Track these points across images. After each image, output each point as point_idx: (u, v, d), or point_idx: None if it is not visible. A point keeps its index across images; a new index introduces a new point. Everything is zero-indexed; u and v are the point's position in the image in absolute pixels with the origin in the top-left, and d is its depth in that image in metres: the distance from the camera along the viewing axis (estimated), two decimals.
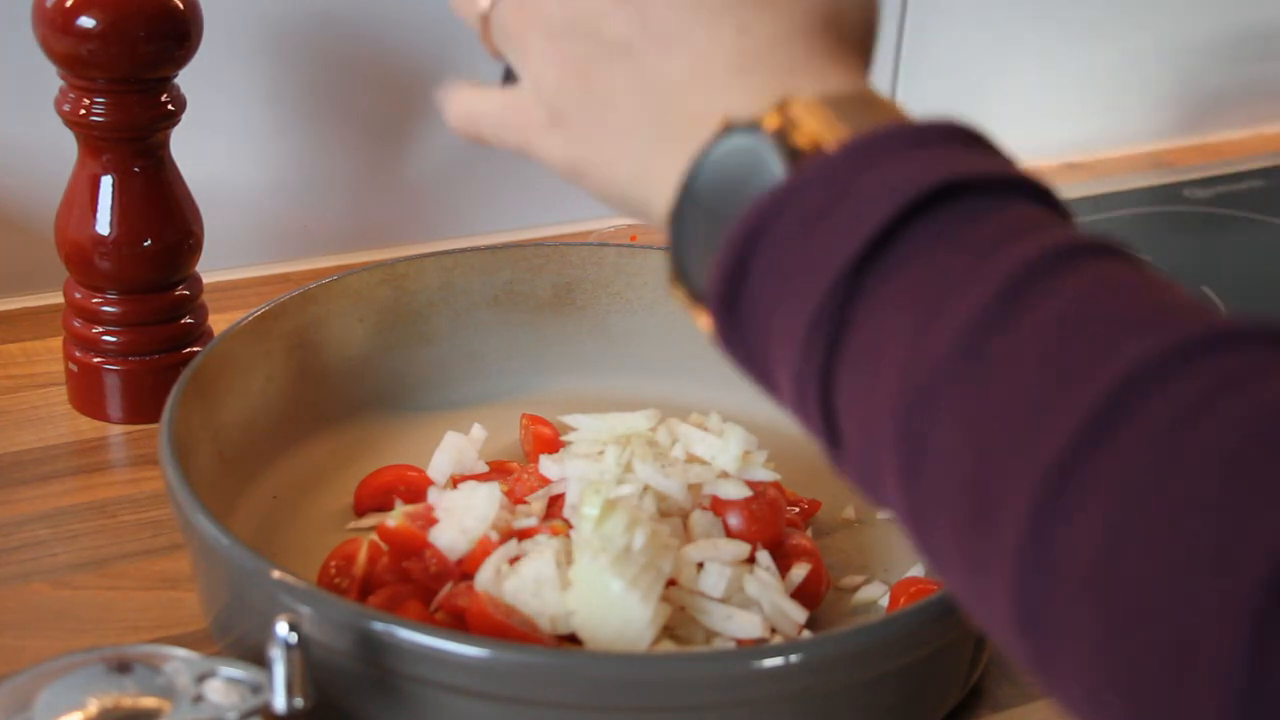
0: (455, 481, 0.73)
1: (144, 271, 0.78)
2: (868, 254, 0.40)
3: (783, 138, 0.43)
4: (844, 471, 0.43)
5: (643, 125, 0.47)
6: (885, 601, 0.68)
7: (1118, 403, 0.35)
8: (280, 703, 0.52)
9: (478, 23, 0.53)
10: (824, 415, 0.42)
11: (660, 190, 0.47)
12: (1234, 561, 0.32)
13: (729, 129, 0.44)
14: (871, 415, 0.40)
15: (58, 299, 0.81)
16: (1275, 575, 0.31)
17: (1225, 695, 0.32)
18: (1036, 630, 0.36)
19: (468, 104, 0.54)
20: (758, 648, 0.60)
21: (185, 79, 0.84)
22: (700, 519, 0.66)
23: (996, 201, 0.41)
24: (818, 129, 0.43)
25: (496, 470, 0.74)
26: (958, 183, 0.40)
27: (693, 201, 0.45)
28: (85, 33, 0.72)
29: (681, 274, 0.46)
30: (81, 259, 0.77)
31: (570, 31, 0.48)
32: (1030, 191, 0.42)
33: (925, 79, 1.13)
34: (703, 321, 0.45)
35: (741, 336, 0.44)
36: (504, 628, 0.60)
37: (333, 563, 0.66)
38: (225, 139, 0.95)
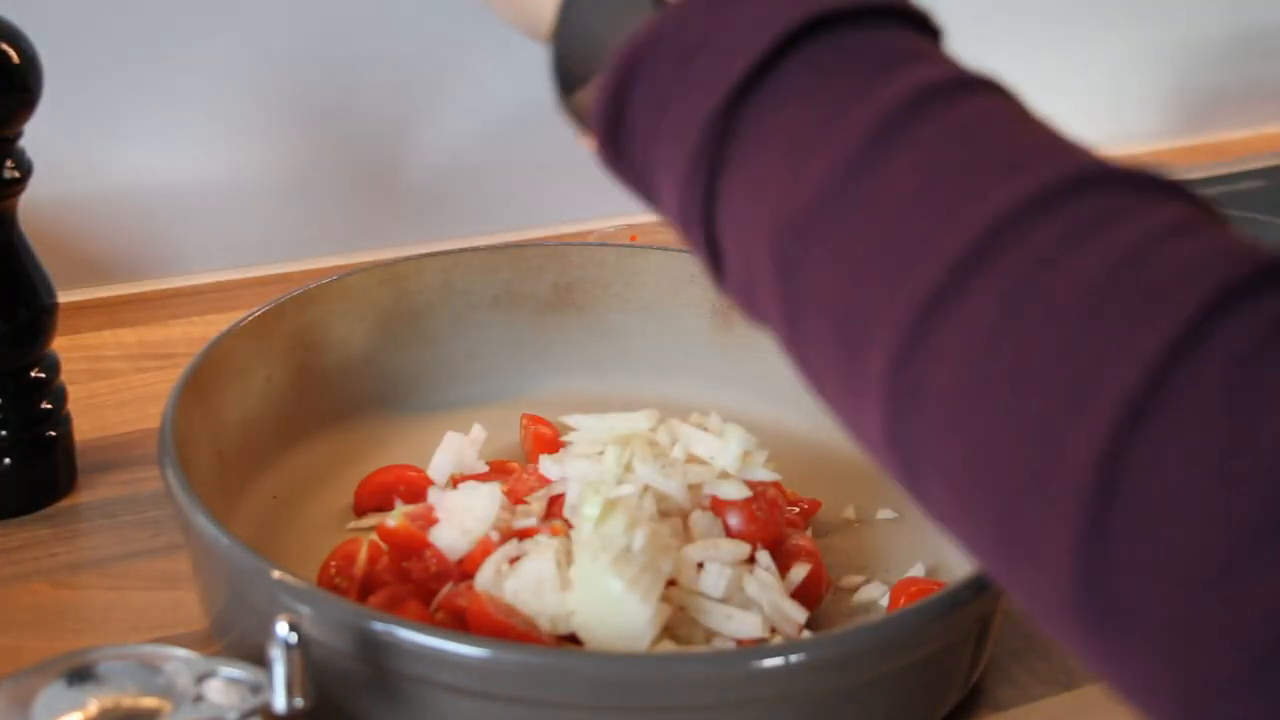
0: (455, 481, 0.73)
1: None
2: (740, 91, 0.40)
3: None
4: (725, 290, 0.43)
5: None
6: (885, 601, 0.68)
7: (982, 247, 0.36)
8: (280, 703, 0.52)
9: None
10: (707, 242, 0.43)
11: (546, 5, 0.47)
12: (1085, 401, 0.33)
13: None
14: (750, 248, 0.41)
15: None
16: (1121, 416, 0.32)
17: (1074, 527, 0.33)
18: (906, 454, 0.37)
19: None
20: (758, 648, 0.60)
21: (185, 78, 0.84)
22: (700, 519, 0.66)
23: (871, 32, 0.41)
24: None
25: (496, 470, 0.74)
26: (830, 13, 0.40)
27: (573, 20, 0.45)
28: None
29: (564, 91, 0.46)
30: None
31: None
32: (908, 18, 0.42)
33: None
34: (588, 143, 0.46)
35: (626, 163, 0.45)
36: (504, 628, 0.60)
37: (333, 563, 0.66)
38: (225, 139, 0.95)
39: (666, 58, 0.42)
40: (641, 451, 0.67)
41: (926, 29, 0.42)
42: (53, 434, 0.73)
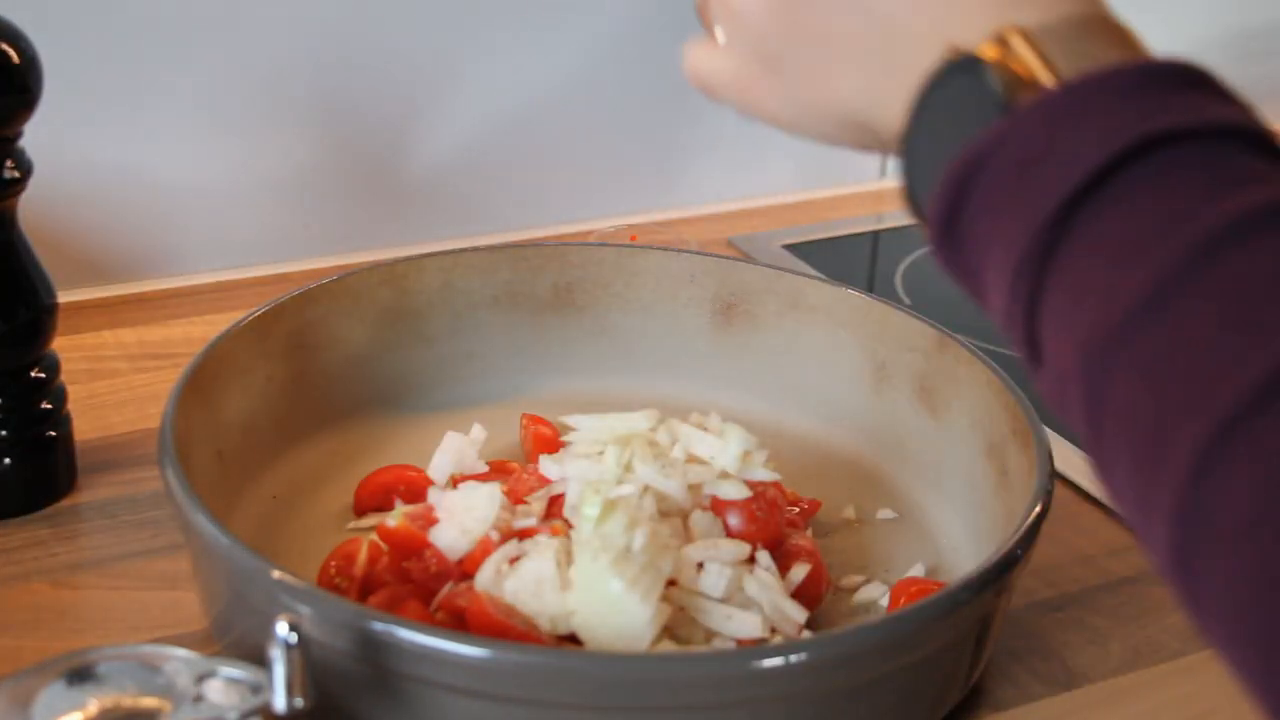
0: (455, 481, 0.73)
1: None
2: (1073, 203, 0.41)
3: (1002, 72, 0.44)
4: (1039, 387, 0.44)
5: (863, 54, 0.48)
6: (885, 601, 0.68)
7: None
8: (280, 703, 0.52)
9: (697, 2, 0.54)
10: (1028, 341, 0.44)
11: (887, 115, 0.48)
12: None
13: (951, 60, 0.45)
14: (1064, 353, 0.42)
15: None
16: None
17: None
18: (1188, 574, 0.38)
19: (697, 61, 0.54)
20: (758, 648, 0.60)
21: (186, 79, 0.84)
22: (700, 519, 0.66)
23: (1208, 151, 0.41)
24: (1035, 65, 0.43)
25: (496, 470, 0.74)
26: (1170, 133, 0.41)
27: (919, 128, 0.46)
28: None
29: (910, 193, 0.47)
30: None
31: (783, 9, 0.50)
32: (1248, 139, 0.42)
33: None
34: (925, 240, 0.47)
35: (957, 263, 0.46)
36: (504, 628, 0.60)
37: (333, 563, 0.66)
38: (225, 139, 0.95)
39: (1004, 166, 0.43)
40: (641, 451, 0.67)
41: (1267, 148, 0.42)
42: (53, 434, 0.73)
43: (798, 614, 0.64)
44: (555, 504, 0.68)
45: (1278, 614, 0.35)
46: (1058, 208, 0.41)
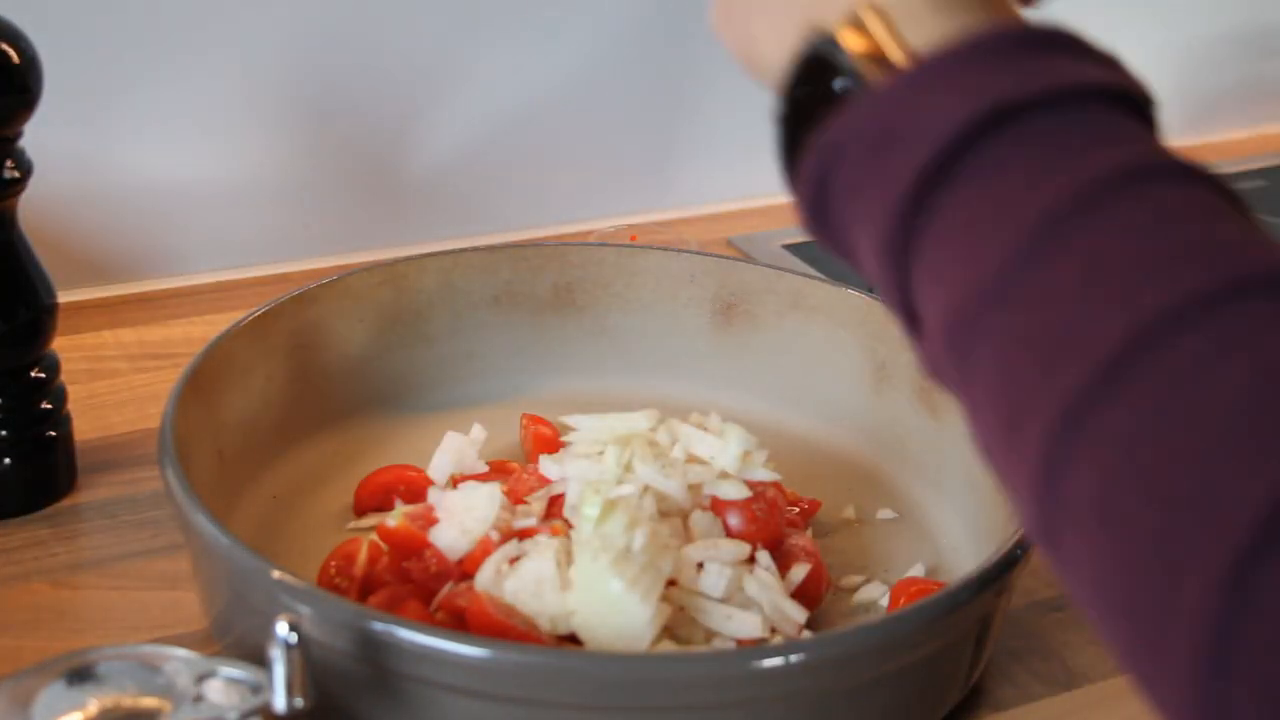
0: (455, 481, 0.73)
1: None
2: (929, 179, 0.42)
3: (857, 51, 0.45)
4: (920, 358, 0.45)
5: (768, 14, 0.49)
6: (885, 601, 0.68)
7: (1128, 352, 0.36)
8: (280, 703, 0.52)
9: None
10: (907, 317, 0.44)
11: (773, 65, 0.49)
12: (1214, 523, 0.34)
13: (811, 40, 0.46)
14: (937, 328, 0.42)
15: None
16: (1248, 543, 0.33)
17: (1197, 643, 0.34)
18: (1053, 548, 0.38)
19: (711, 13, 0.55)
20: (758, 648, 0.60)
21: (186, 79, 0.84)
22: (700, 519, 0.66)
23: (1062, 118, 0.41)
24: (888, 42, 0.44)
25: (496, 470, 0.74)
26: (1018, 103, 0.41)
27: (786, 108, 0.47)
28: None
29: (784, 173, 0.48)
30: None
31: None
32: (1110, 98, 0.42)
33: None
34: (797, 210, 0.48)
35: (831, 241, 0.47)
36: (504, 628, 0.60)
37: (333, 563, 0.66)
38: (226, 139, 0.95)
39: (861, 147, 0.43)
40: (641, 451, 0.67)
41: (1131, 104, 0.42)
42: (53, 434, 0.73)
43: (798, 614, 0.64)
44: (555, 504, 0.68)
45: (1138, 591, 0.35)
46: (913, 185, 0.42)
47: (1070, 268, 0.38)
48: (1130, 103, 0.42)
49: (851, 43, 0.45)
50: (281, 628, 0.51)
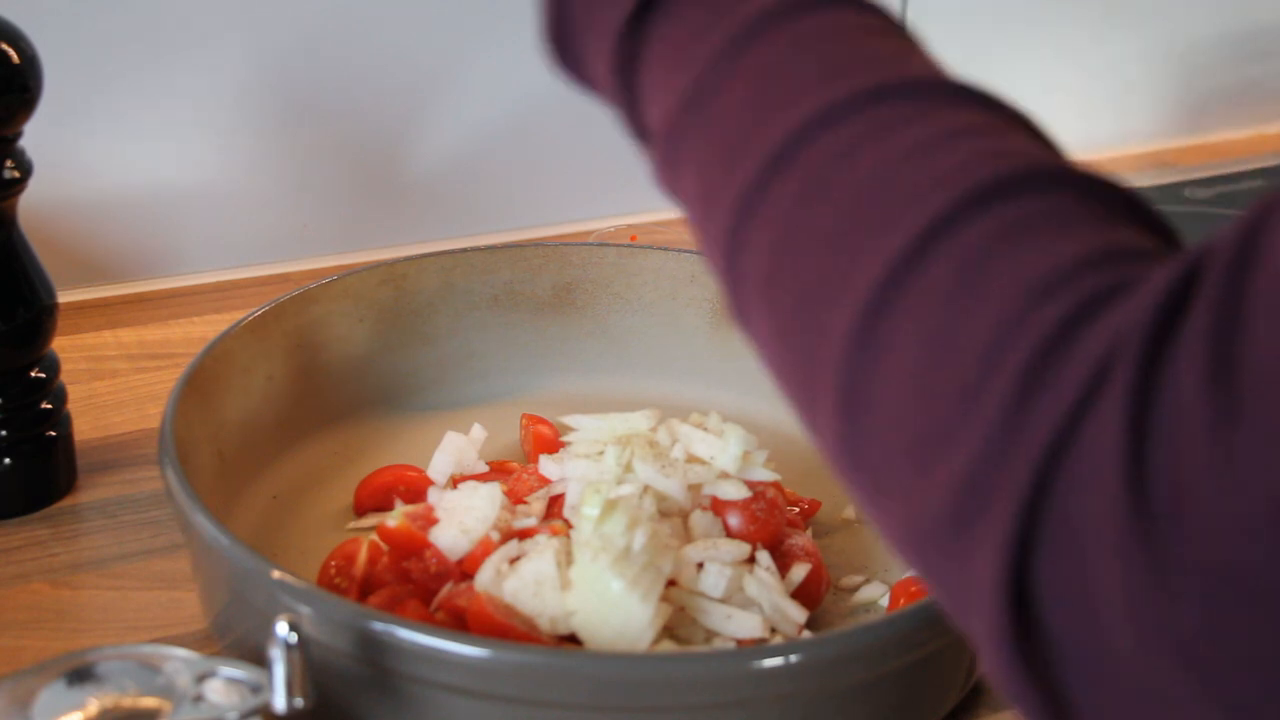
0: (455, 481, 0.73)
1: None
2: (641, 6, 0.48)
3: None
4: (648, 167, 0.49)
5: None
6: (885, 601, 0.68)
7: (787, 147, 0.42)
8: (280, 703, 0.52)
9: None
10: (639, 134, 0.50)
11: None
12: (845, 288, 0.39)
13: None
14: (655, 138, 0.48)
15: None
16: (867, 302, 0.39)
17: (834, 391, 0.40)
18: (742, 321, 0.45)
19: None
20: (758, 648, 0.60)
21: (185, 78, 0.84)
22: (700, 519, 0.66)
23: None
24: None
25: (496, 470, 0.74)
26: None
27: None
28: None
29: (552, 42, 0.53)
30: None
31: None
32: None
33: None
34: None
35: (574, 69, 0.52)
36: (504, 628, 0.60)
37: (333, 563, 0.66)
38: (226, 139, 0.95)
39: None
40: (641, 451, 0.67)
41: None
42: (53, 434, 0.73)
43: (798, 614, 0.64)
44: (555, 504, 0.68)
45: (794, 351, 0.42)
46: (627, 18, 0.48)
47: (748, 77, 0.44)
48: None
49: None
50: (281, 628, 0.51)
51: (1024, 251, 0.37)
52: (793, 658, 0.55)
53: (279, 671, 0.51)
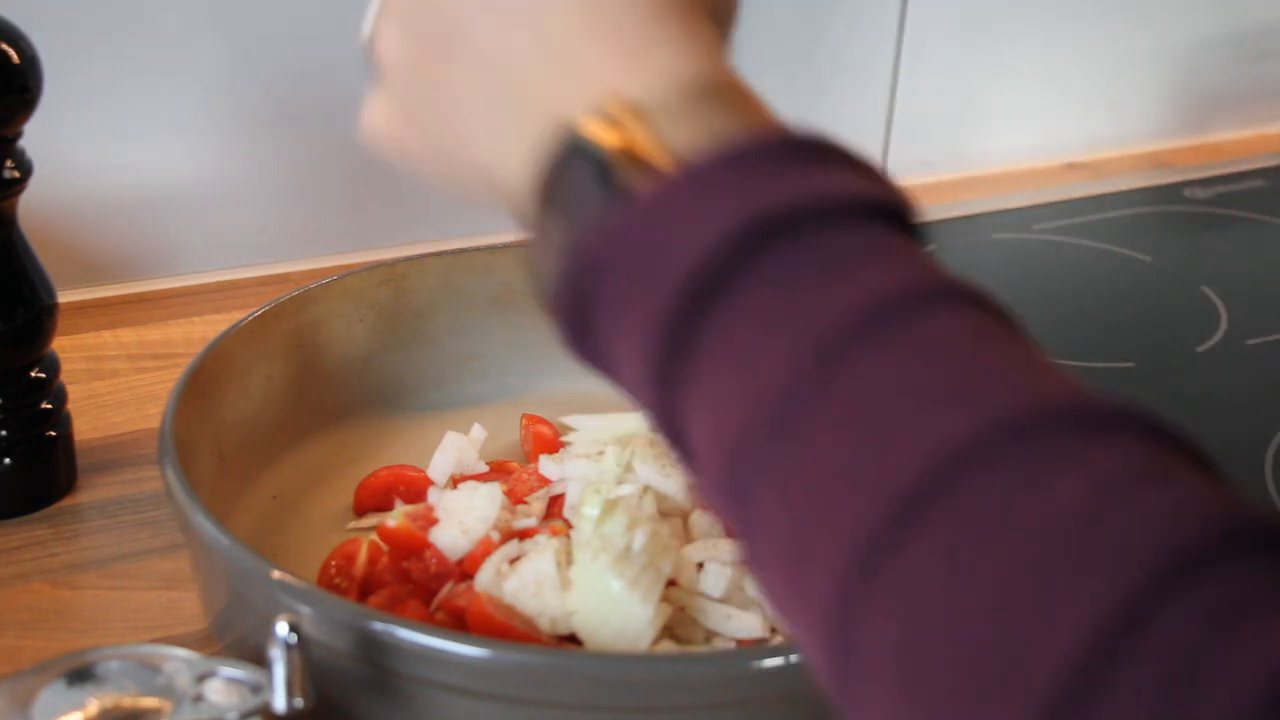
0: (455, 481, 0.73)
1: None
2: (689, 303, 0.38)
3: (609, 152, 0.41)
4: (691, 484, 0.42)
5: (484, 109, 0.45)
6: None
7: (925, 488, 0.34)
8: (280, 703, 0.52)
9: (363, 51, 0.51)
10: (675, 441, 0.41)
11: (512, 179, 0.44)
12: (1018, 676, 0.31)
13: (559, 136, 0.42)
14: (709, 462, 0.39)
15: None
16: (1049, 704, 0.31)
17: None
18: (848, 700, 0.35)
19: (367, 121, 0.51)
20: (758, 648, 0.60)
21: (185, 78, 0.84)
22: (700, 519, 0.66)
23: (825, 236, 0.38)
24: (644, 143, 0.41)
25: (496, 470, 0.74)
26: (781, 218, 0.38)
27: (538, 209, 0.43)
28: None
29: (539, 281, 0.44)
30: None
31: (412, 27, 0.47)
32: (875, 212, 0.39)
33: (925, 79, 1.13)
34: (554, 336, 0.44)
35: (594, 361, 0.43)
36: (504, 628, 0.60)
37: (333, 563, 0.66)
38: (225, 138, 0.95)
39: (624, 256, 0.40)
40: (641, 451, 0.67)
41: (895, 218, 0.40)
42: (53, 434, 0.73)
43: None
44: (555, 504, 0.68)
45: None
46: (677, 302, 0.38)
47: (851, 398, 0.36)
48: (895, 215, 0.40)
49: (607, 140, 0.41)
50: (281, 628, 0.51)
51: (1246, 645, 0.30)
52: (793, 658, 0.55)
53: (279, 671, 0.51)
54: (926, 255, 0.39)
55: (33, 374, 0.72)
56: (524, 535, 0.65)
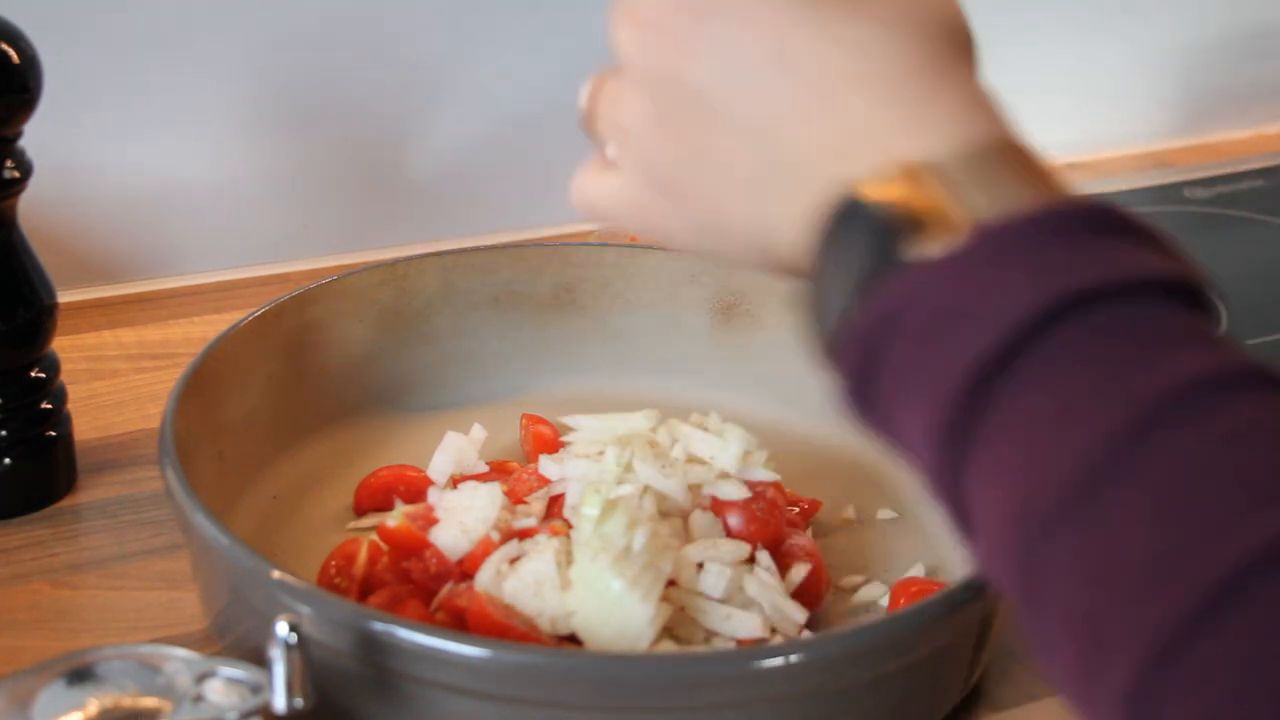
0: (455, 481, 0.73)
1: None
2: (992, 368, 0.38)
3: (905, 212, 0.40)
4: (973, 555, 0.41)
5: (754, 178, 0.44)
6: (885, 601, 0.68)
7: (1236, 584, 0.33)
8: (280, 703, 0.52)
9: (583, 120, 0.51)
10: (958, 512, 0.41)
11: (785, 241, 0.44)
12: None
13: (847, 196, 0.42)
14: (996, 531, 0.39)
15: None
16: None
17: None
18: None
19: (586, 187, 0.51)
20: (758, 648, 0.60)
21: (185, 78, 0.84)
22: (700, 519, 0.66)
23: (1134, 311, 0.38)
24: (944, 205, 0.40)
25: (496, 470, 0.74)
26: (1089, 291, 0.38)
27: (821, 269, 0.43)
28: None
29: (819, 340, 0.44)
30: None
31: (656, 97, 0.46)
32: (1177, 291, 0.39)
33: None
34: (836, 394, 0.44)
35: (875, 421, 0.43)
36: (504, 628, 0.60)
37: (333, 563, 0.66)
38: (226, 138, 0.95)
39: (917, 325, 0.40)
40: (641, 451, 0.67)
41: (1197, 299, 0.39)
42: (53, 434, 0.73)
43: (798, 614, 0.64)
44: (555, 504, 0.68)
45: None
46: (976, 371, 0.38)
47: (1161, 482, 0.35)
48: (1192, 291, 0.40)
49: (898, 202, 0.40)
50: (281, 628, 0.51)
51: None
52: (793, 658, 0.55)
53: (279, 671, 0.51)
54: (1227, 337, 0.39)
55: (33, 374, 0.72)
56: (524, 535, 0.65)
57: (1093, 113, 1.21)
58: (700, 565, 0.64)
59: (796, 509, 0.72)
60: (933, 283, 0.40)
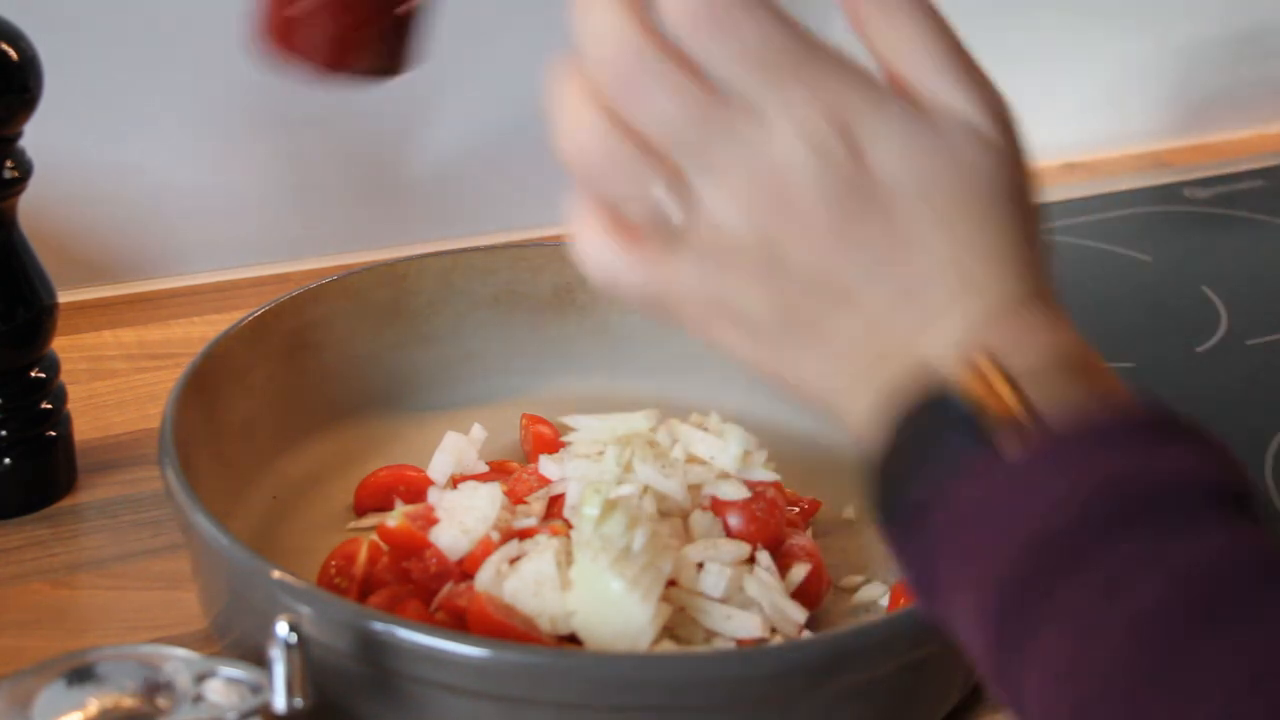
0: (455, 481, 0.73)
1: None
2: (1051, 564, 0.40)
3: (979, 407, 0.43)
4: None
5: (835, 346, 0.46)
6: (885, 601, 0.68)
7: None
8: (280, 703, 0.52)
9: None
10: (1009, 691, 0.42)
11: (849, 407, 0.46)
12: None
13: (923, 381, 0.44)
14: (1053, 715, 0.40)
15: None
16: None
17: None
18: None
19: (607, 264, 0.52)
20: (758, 648, 0.60)
21: (185, 78, 0.84)
22: (700, 519, 0.66)
23: (1186, 517, 0.40)
24: (1014, 404, 0.42)
25: (496, 470, 0.74)
26: (1144, 498, 0.40)
27: (891, 446, 0.45)
28: None
29: (879, 512, 0.46)
30: None
31: (781, 280, 0.46)
32: (1222, 496, 0.41)
33: None
34: (897, 571, 0.46)
35: (930, 594, 0.45)
36: (504, 628, 0.60)
37: (333, 563, 0.66)
38: (225, 138, 0.95)
39: (983, 513, 0.42)
40: (641, 451, 0.67)
41: (1245, 504, 0.41)
42: (53, 434, 0.73)
43: (798, 614, 0.64)
44: (555, 504, 0.68)
45: None
46: (1039, 565, 0.40)
47: (1212, 685, 0.37)
48: (1242, 498, 0.41)
49: (975, 393, 0.43)
50: (281, 628, 0.51)
51: None
52: (793, 658, 0.55)
53: (279, 671, 0.51)
54: (1270, 537, 0.41)
55: (33, 374, 0.72)
56: (524, 535, 0.65)
57: (1093, 113, 1.21)
58: (700, 565, 0.64)
59: (796, 509, 0.72)
60: (999, 478, 0.42)
